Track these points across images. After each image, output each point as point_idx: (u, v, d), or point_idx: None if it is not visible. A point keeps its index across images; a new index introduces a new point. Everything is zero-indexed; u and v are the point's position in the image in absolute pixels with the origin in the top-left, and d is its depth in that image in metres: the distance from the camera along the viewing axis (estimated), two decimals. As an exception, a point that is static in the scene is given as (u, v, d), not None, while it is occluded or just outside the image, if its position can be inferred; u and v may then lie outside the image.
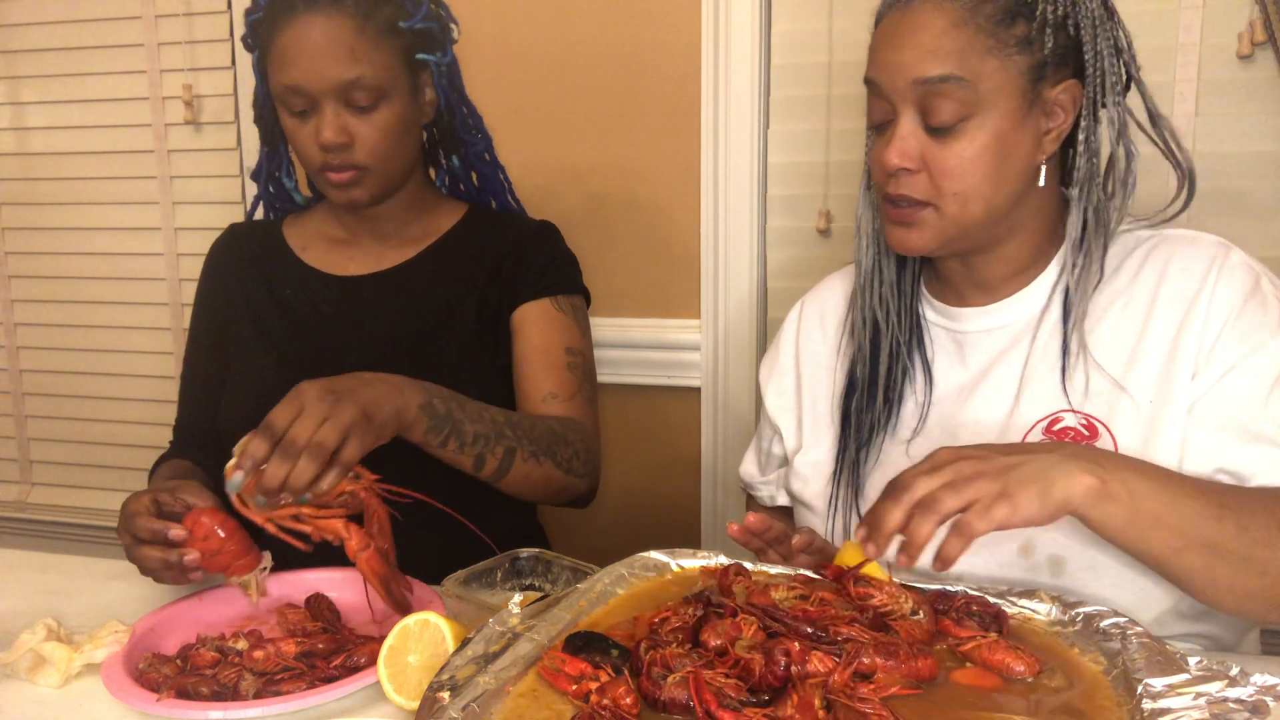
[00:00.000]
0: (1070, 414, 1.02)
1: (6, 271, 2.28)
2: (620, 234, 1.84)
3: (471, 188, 1.51)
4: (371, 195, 1.32)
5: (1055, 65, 1.00)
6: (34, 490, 2.38)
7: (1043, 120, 1.01)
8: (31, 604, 1.16)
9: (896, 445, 1.13)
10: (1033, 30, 0.98)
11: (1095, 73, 1.00)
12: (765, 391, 1.29)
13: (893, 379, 1.13)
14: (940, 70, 0.97)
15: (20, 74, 2.18)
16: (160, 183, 2.13)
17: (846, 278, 1.26)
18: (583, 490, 1.33)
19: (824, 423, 1.20)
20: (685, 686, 0.74)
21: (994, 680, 0.79)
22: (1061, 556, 0.99)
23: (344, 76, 1.24)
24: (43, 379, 2.31)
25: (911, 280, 1.16)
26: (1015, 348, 1.08)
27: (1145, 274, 1.04)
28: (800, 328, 1.27)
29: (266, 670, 0.95)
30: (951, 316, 1.13)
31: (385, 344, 1.35)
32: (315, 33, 1.23)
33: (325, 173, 1.29)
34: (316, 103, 1.25)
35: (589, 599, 0.94)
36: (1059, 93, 1.00)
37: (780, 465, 1.28)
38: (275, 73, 1.27)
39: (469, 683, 0.78)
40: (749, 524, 1.04)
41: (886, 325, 1.14)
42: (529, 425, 1.24)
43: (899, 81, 1.00)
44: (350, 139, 1.26)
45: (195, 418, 1.43)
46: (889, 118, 1.03)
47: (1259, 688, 0.72)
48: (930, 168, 1.01)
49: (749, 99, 1.71)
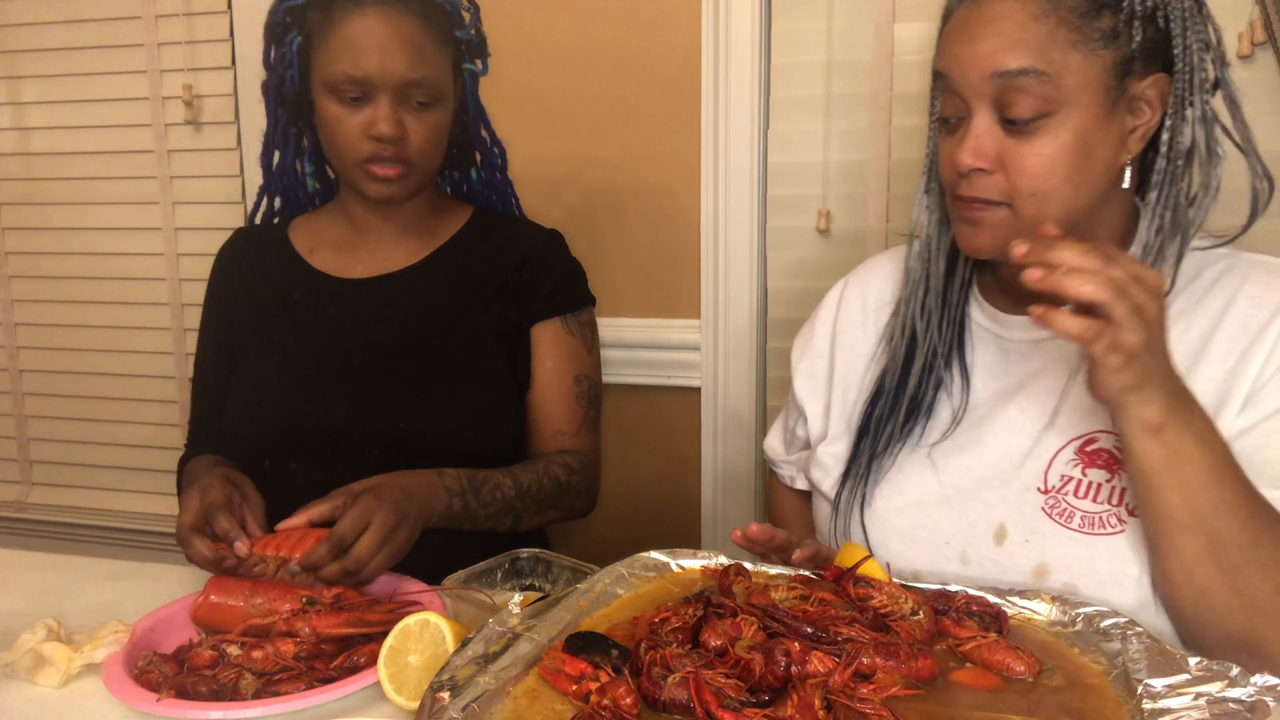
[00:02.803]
0: (1105, 435, 0.98)
1: (7, 271, 2.28)
2: (620, 234, 1.84)
3: (476, 190, 1.51)
4: (409, 192, 1.34)
5: (1143, 60, 0.94)
6: (34, 490, 2.37)
7: (1127, 118, 0.96)
8: (32, 604, 1.16)
9: (917, 452, 1.08)
10: (1119, 23, 0.93)
11: (1184, 68, 0.94)
12: (795, 370, 1.24)
13: (921, 393, 1.09)
14: (1020, 63, 0.93)
15: (21, 74, 2.18)
16: (160, 183, 2.12)
17: (895, 258, 1.21)
18: (580, 513, 1.42)
19: (853, 414, 1.16)
20: (685, 687, 0.74)
21: (994, 680, 0.79)
22: (1074, 586, 0.95)
23: (410, 74, 1.25)
24: (43, 379, 2.31)
25: (960, 287, 1.11)
26: (1061, 361, 1.03)
27: (1212, 298, 0.98)
28: (840, 310, 1.22)
29: (265, 670, 0.95)
30: (1000, 322, 1.08)
31: (391, 347, 1.35)
32: (386, 26, 1.24)
33: (370, 165, 1.28)
34: (374, 94, 1.26)
35: (589, 599, 0.94)
36: (1145, 87, 0.95)
37: (803, 447, 1.24)
38: (333, 59, 1.26)
39: (469, 683, 0.78)
40: (751, 533, 1.02)
41: (924, 337, 1.10)
42: (536, 489, 1.32)
43: (974, 75, 0.95)
44: (404, 134, 1.27)
45: (209, 416, 1.43)
46: (961, 114, 0.98)
47: (1259, 688, 0.72)
48: (1007, 167, 0.96)
49: (749, 99, 1.71)
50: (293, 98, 1.35)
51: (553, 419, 1.41)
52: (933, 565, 1.03)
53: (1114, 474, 0.96)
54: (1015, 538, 0.99)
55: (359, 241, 1.42)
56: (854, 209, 1.70)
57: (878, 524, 1.07)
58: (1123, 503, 0.95)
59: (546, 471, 1.34)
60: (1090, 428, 0.99)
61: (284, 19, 1.31)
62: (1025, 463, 1.01)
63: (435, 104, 1.29)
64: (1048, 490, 0.98)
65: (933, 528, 1.04)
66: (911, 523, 1.05)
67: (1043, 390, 1.03)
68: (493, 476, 1.27)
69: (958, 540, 1.02)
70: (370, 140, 1.26)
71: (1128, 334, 0.80)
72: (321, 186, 1.49)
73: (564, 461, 1.37)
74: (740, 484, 1.83)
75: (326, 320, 1.38)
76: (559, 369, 1.41)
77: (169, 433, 2.19)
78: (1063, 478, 0.98)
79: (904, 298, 1.13)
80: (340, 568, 1.04)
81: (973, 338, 1.10)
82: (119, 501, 2.29)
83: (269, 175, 1.48)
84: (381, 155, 1.27)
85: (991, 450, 1.03)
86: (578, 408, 1.42)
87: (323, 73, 1.27)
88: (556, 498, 1.35)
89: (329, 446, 1.30)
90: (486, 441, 1.34)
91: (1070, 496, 0.97)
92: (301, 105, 1.36)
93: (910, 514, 1.05)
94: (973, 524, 1.02)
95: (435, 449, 1.28)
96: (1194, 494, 0.85)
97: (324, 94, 1.28)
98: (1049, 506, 0.98)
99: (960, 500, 1.03)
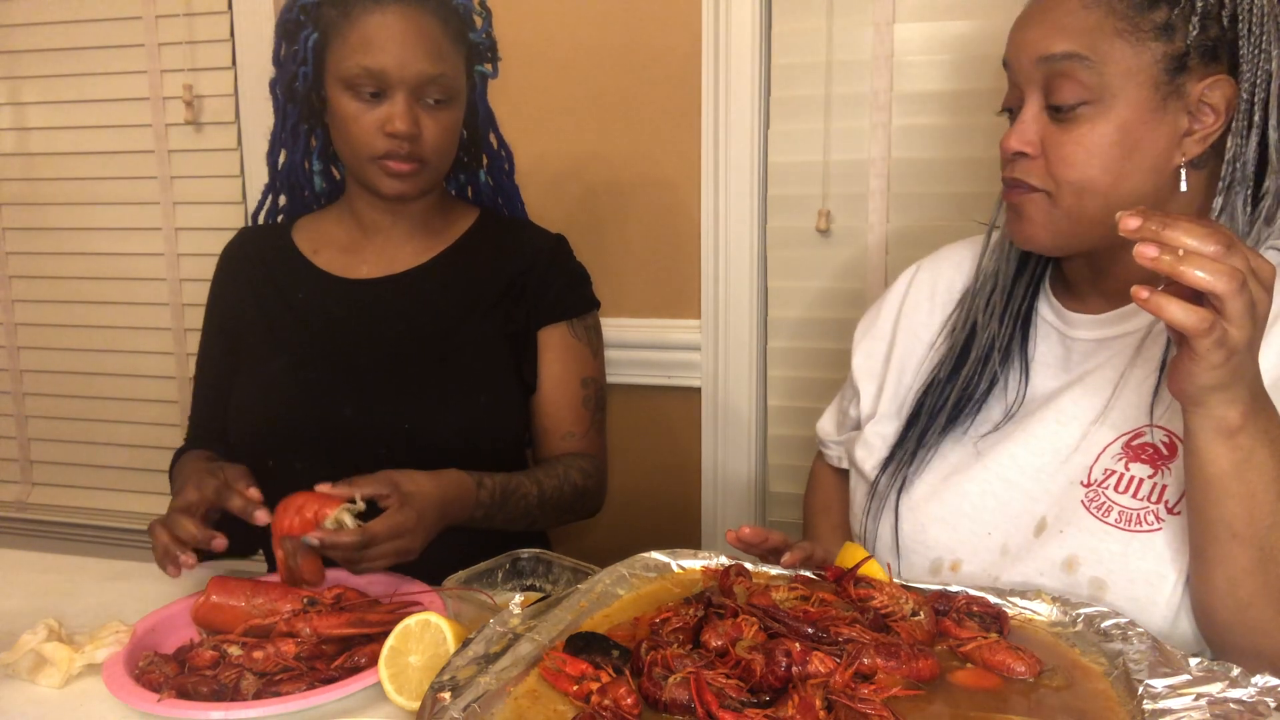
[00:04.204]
0: (1153, 429, 0.95)
1: (7, 271, 2.28)
2: (620, 234, 1.84)
3: (481, 191, 1.52)
4: (421, 189, 1.34)
5: (1202, 58, 0.92)
6: (34, 490, 2.37)
7: (1183, 118, 0.94)
8: (32, 604, 1.16)
9: (964, 442, 1.08)
10: (1174, 16, 0.91)
11: (1253, 73, 0.91)
12: (855, 350, 1.24)
13: (974, 384, 1.08)
14: (1063, 47, 0.93)
15: (21, 74, 2.18)
16: (161, 183, 2.12)
17: (972, 247, 1.20)
18: (590, 515, 1.44)
19: (906, 399, 1.15)
20: (686, 687, 0.74)
21: (995, 681, 0.79)
22: (1104, 581, 0.93)
23: (429, 71, 1.26)
24: (43, 379, 2.31)
25: (1029, 283, 1.10)
26: (1120, 354, 1.01)
27: None
28: (908, 295, 1.22)
29: (266, 671, 0.95)
30: (1066, 320, 1.07)
31: (397, 347, 1.35)
32: (406, 23, 1.26)
33: (385, 160, 1.29)
34: (390, 90, 1.26)
35: (590, 599, 0.94)
36: (1206, 88, 0.92)
37: (854, 428, 1.23)
38: (350, 54, 1.26)
39: (470, 683, 0.78)
40: (744, 535, 1.02)
41: (984, 329, 1.09)
42: (557, 496, 1.34)
43: (1025, 60, 0.97)
44: (419, 131, 1.28)
45: (210, 416, 1.43)
46: (1019, 103, 0.99)
47: (1259, 688, 0.72)
48: (1048, 154, 0.96)
49: (749, 99, 1.71)
50: (304, 94, 1.36)
51: (561, 422, 1.42)
52: (971, 555, 1.02)
53: (1157, 470, 0.94)
54: (1052, 529, 0.98)
55: (365, 242, 1.42)
56: (854, 209, 1.70)
57: (914, 511, 1.07)
58: (1162, 500, 0.93)
59: (566, 477, 1.36)
60: (1139, 422, 0.97)
61: (298, 16, 1.31)
62: (1072, 456, 0.99)
63: (450, 102, 1.31)
64: (1090, 483, 0.97)
65: (975, 517, 1.03)
66: (954, 510, 1.04)
67: (1098, 383, 1.01)
68: (522, 485, 1.29)
69: (1000, 531, 1.01)
70: (386, 137, 1.27)
71: (1237, 330, 0.75)
72: (328, 185, 1.49)
73: (580, 466, 1.40)
74: (740, 484, 1.83)
75: (331, 320, 1.38)
76: (566, 373, 1.42)
77: (170, 433, 2.19)
78: (1106, 471, 0.96)
79: (972, 289, 1.14)
80: (349, 557, 1.06)
81: (1037, 333, 1.10)
82: (119, 501, 2.29)
83: (275, 173, 1.48)
84: (397, 152, 1.28)
85: (1040, 441, 1.02)
86: (585, 411, 1.44)
87: (339, 68, 1.28)
88: (573, 502, 1.38)
89: (334, 446, 1.30)
90: (491, 442, 1.35)
91: (1110, 491, 0.95)
92: (313, 102, 1.36)
93: (953, 502, 1.05)
94: (1016, 516, 1.01)
95: (440, 449, 1.28)
96: (1257, 504, 0.81)
97: (339, 90, 1.29)
98: (1088, 500, 0.96)
99: (1006, 491, 1.02)
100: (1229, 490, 0.82)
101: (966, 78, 1.61)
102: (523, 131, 1.82)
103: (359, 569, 1.08)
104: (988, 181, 1.30)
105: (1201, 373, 0.78)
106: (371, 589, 1.10)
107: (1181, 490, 0.90)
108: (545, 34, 1.82)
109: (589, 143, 1.83)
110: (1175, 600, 0.90)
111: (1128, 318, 1.02)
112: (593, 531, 1.87)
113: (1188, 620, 0.91)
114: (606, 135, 1.82)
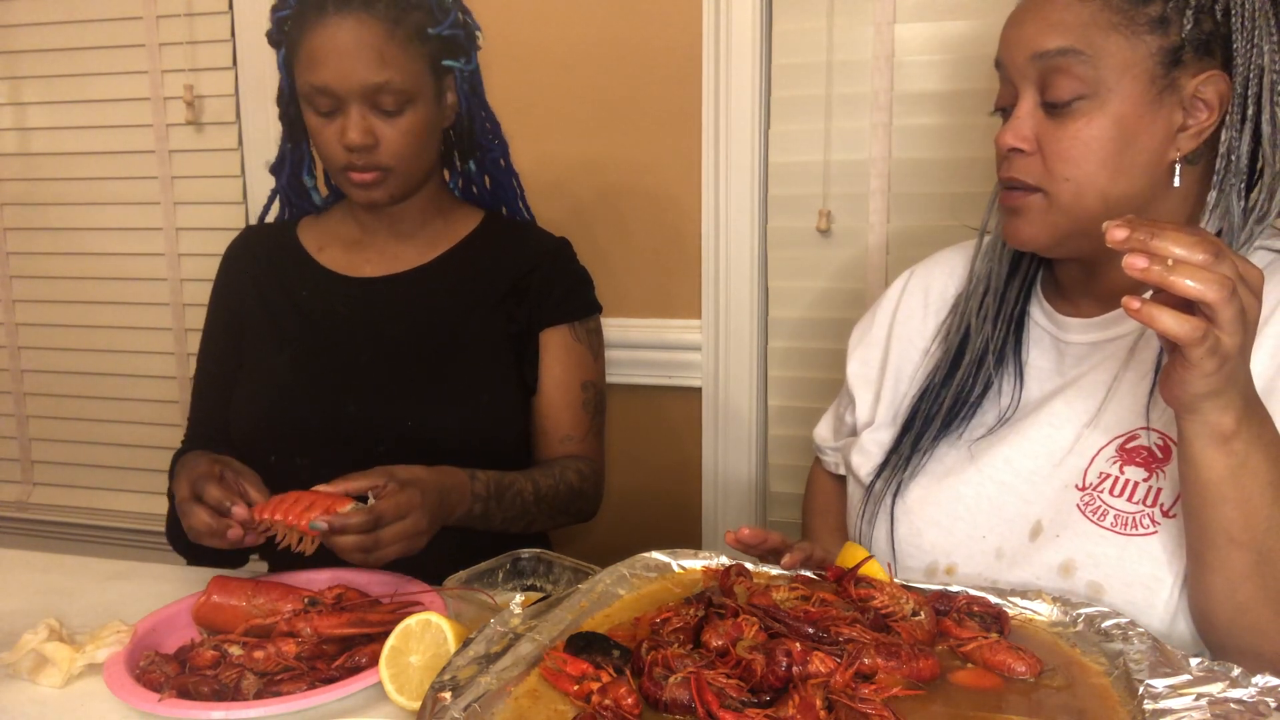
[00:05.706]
0: (1146, 432, 0.95)
1: (8, 271, 2.28)
2: (620, 234, 1.84)
3: (485, 192, 1.52)
4: (391, 196, 1.33)
5: (1196, 52, 0.92)
6: (35, 490, 2.37)
7: (1178, 113, 0.93)
8: (33, 604, 1.16)
9: (958, 446, 1.07)
10: (1169, 10, 0.91)
11: (1246, 67, 0.91)
12: (850, 357, 1.24)
13: (968, 389, 1.08)
14: (1058, 43, 0.93)
15: (21, 74, 2.18)
16: (161, 183, 2.12)
17: (963, 252, 1.20)
18: (586, 518, 1.44)
19: (902, 405, 1.15)
20: (687, 687, 0.74)
21: (995, 681, 0.79)
22: (1101, 585, 0.93)
23: (372, 80, 1.25)
24: (44, 379, 2.31)
25: (1021, 287, 1.10)
26: (1113, 358, 1.01)
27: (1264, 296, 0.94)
28: (901, 301, 1.22)
29: (267, 670, 0.95)
30: (1058, 324, 1.07)
31: (400, 346, 1.35)
32: (345, 35, 1.24)
33: (348, 173, 1.30)
34: (343, 104, 1.26)
35: (590, 599, 0.94)
36: (1200, 84, 0.92)
37: (850, 434, 1.23)
38: (303, 72, 1.27)
39: (470, 683, 0.78)
40: (743, 536, 1.01)
41: (978, 334, 1.09)
42: (553, 495, 1.34)
43: (1019, 57, 0.96)
44: (375, 141, 1.27)
45: (210, 415, 1.43)
46: (1012, 101, 0.98)
47: (1260, 689, 0.72)
48: (1044, 150, 0.95)
49: (749, 99, 1.71)
50: (291, 110, 1.37)
51: (560, 425, 1.42)
52: (966, 559, 1.02)
53: (1152, 473, 0.94)
54: (1047, 533, 0.98)
55: (368, 241, 1.43)
56: (854, 209, 1.70)
57: (909, 515, 1.06)
58: (1157, 503, 0.92)
59: (563, 477, 1.36)
60: (1132, 425, 0.97)
61: (275, 30, 1.33)
62: (1066, 459, 0.99)
63: (407, 106, 1.28)
64: (1085, 487, 0.97)
65: (970, 520, 1.03)
66: (948, 514, 1.04)
67: (1091, 386, 1.01)
68: (516, 481, 1.29)
69: (994, 535, 1.01)
70: (344, 149, 1.27)
71: (1229, 337, 0.75)
72: (330, 194, 1.50)
73: (577, 468, 1.39)
74: (740, 484, 1.83)
75: (335, 318, 1.38)
76: (566, 376, 1.42)
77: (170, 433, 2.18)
78: (1100, 474, 0.96)
79: (964, 293, 1.13)
80: (360, 543, 1.04)
81: (1030, 337, 1.09)
82: (120, 501, 2.29)
83: (279, 184, 1.49)
84: (355, 163, 1.28)
85: (1034, 444, 1.02)
86: (584, 414, 1.44)
87: (301, 86, 1.29)
88: (569, 503, 1.37)
89: (336, 444, 1.31)
90: (493, 442, 1.35)
91: (1106, 494, 0.95)
92: (295, 117, 1.37)
93: (947, 505, 1.04)
94: (1010, 519, 1.00)
95: (442, 448, 1.28)
96: (1253, 509, 0.81)
97: (304, 105, 1.30)
98: (1083, 504, 0.96)
99: (999, 493, 1.02)
100: (1225, 496, 0.82)
101: (966, 78, 1.61)
102: (523, 132, 1.82)
103: (373, 557, 1.06)
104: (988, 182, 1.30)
105: (1195, 380, 0.78)
106: (372, 589, 1.10)
107: (1176, 493, 0.90)
108: (545, 34, 1.82)
109: (589, 143, 1.83)
110: (1172, 603, 0.90)
111: (1120, 321, 1.01)
112: (593, 531, 1.87)
113: (1185, 623, 0.91)
114: (607, 135, 1.82)
